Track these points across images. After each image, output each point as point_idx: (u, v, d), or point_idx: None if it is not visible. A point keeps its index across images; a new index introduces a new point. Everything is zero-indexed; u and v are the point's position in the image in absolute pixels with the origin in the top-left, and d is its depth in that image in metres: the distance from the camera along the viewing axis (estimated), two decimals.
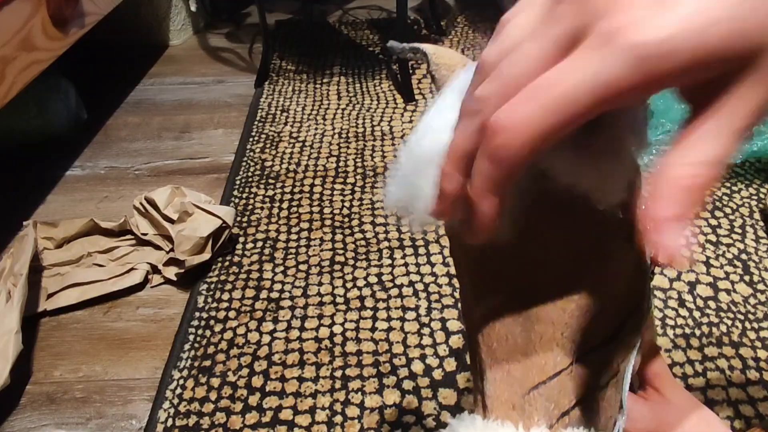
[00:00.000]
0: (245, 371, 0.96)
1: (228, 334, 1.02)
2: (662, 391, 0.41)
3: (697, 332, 0.98)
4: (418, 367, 0.95)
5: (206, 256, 1.12)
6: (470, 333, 0.32)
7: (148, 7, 2.04)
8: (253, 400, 0.92)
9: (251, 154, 1.49)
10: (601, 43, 0.19)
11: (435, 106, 0.32)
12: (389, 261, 1.15)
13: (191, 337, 1.02)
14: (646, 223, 0.21)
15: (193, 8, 2.09)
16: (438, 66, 0.37)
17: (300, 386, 0.93)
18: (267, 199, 1.33)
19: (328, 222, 1.26)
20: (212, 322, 1.05)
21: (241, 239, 1.22)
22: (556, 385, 0.29)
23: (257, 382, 0.94)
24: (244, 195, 1.34)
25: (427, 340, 0.99)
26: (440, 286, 1.09)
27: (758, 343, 0.96)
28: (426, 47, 0.38)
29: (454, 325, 1.01)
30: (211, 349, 1.00)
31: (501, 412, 0.29)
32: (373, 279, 1.11)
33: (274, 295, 1.09)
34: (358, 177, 1.38)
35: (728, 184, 1.27)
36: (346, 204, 1.30)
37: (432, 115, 0.32)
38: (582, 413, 0.30)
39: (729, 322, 0.99)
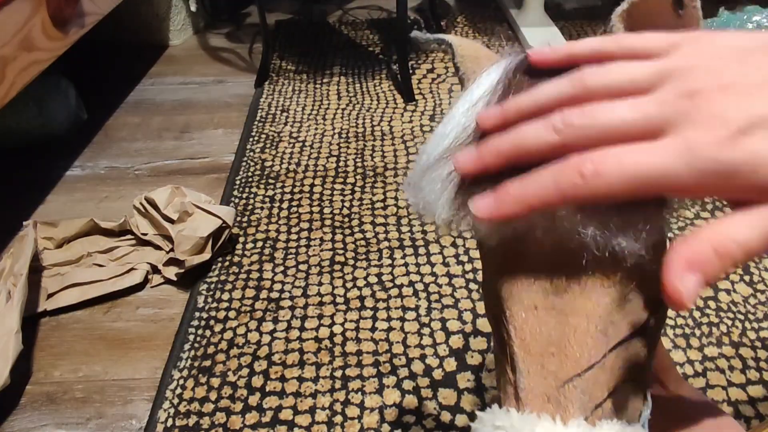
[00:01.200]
0: (245, 371, 0.96)
1: (228, 334, 1.02)
2: (667, 384, 0.42)
3: (697, 332, 0.98)
4: (418, 367, 0.95)
5: (206, 256, 1.12)
6: (498, 324, 0.32)
7: (148, 7, 2.04)
8: (253, 400, 0.92)
9: (251, 154, 1.49)
10: (684, 147, 0.24)
11: (451, 112, 0.33)
12: (389, 261, 1.15)
13: (191, 337, 1.02)
14: (668, 260, 0.24)
15: (193, 8, 2.09)
16: (463, 58, 0.37)
17: (300, 386, 0.93)
18: (267, 199, 1.33)
19: (328, 222, 1.26)
20: (212, 322, 1.05)
21: (241, 239, 1.22)
22: (591, 377, 0.29)
23: (257, 382, 0.94)
24: (244, 195, 1.34)
25: (427, 340, 0.99)
26: (440, 286, 1.09)
27: (758, 343, 0.96)
28: (451, 38, 0.38)
29: (454, 325, 1.01)
30: (211, 349, 1.00)
31: (536, 404, 0.29)
32: (373, 279, 1.11)
33: (274, 295, 1.09)
34: (358, 177, 1.38)
35: None
36: (346, 204, 1.30)
37: (446, 121, 0.33)
38: (613, 405, 0.30)
39: (729, 322, 0.99)
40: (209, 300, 1.09)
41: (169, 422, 0.89)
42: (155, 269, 1.15)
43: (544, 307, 0.30)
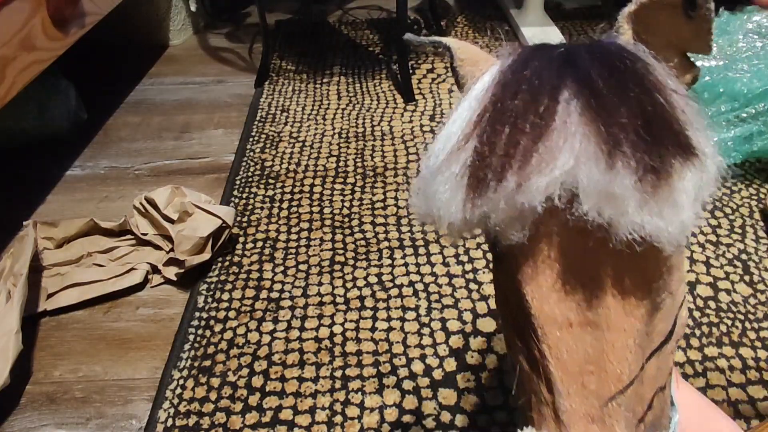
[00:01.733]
0: (245, 371, 0.96)
1: (228, 334, 1.02)
2: None
3: (697, 332, 0.98)
4: (418, 367, 0.95)
5: (206, 256, 1.12)
6: (527, 342, 0.30)
7: (148, 7, 2.04)
8: (253, 400, 0.92)
9: (251, 154, 1.49)
10: None
11: (456, 112, 0.32)
12: (389, 261, 1.15)
13: (191, 337, 1.02)
14: None
15: (193, 8, 2.09)
16: (462, 61, 0.36)
17: (300, 386, 0.93)
18: (267, 199, 1.33)
19: (328, 222, 1.26)
20: (212, 322, 1.05)
21: (241, 239, 1.22)
22: (632, 393, 0.28)
23: (257, 382, 0.94)
24: (244, 195, 1.34)
25: (427, 340, 0.99)
26: (440, 286, 1.09)
27: (758, 343, 0.96)
28: (449, 41, 0.37)
29: (454, 325, 1.01)
30: (211, 349, 1.00)
31: (580, 426, 0.28)
32: (373, 279, 1.11)
33: (274, 295, 1.09)
34: (358, 177, 1.38)
35: (728, 184, 1.27)
36: (346, 204, 1.30)
37: (450, 123, 0.32)
38: (653, 417, 0.29)
39: (729, 322, 0.99)
40: (209, 300, 1.09)
41: (169, 422, 0.89)
42: (155, 269, 1.15)
43: (579, 323, 0.29)
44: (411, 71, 1.75)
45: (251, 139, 1.54)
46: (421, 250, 1.17)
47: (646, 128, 0.28)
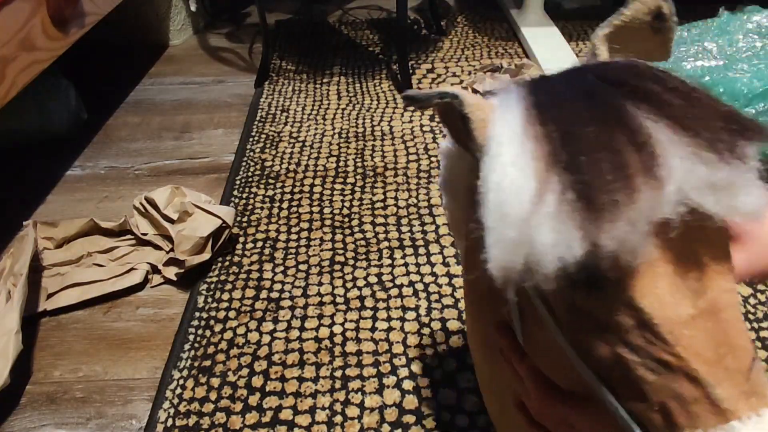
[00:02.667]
0: (245, 371, 0.96)
1: (228, 334, 1.02)
2: None
3: None
4: (418, 367, 0.95)
5: (206, 256, 1.12)
6: (653, 355, 0.31)
7: (148, 7, 2.04)
8: (253, 400, 0.92)
9: (251, 154, 1.49)
10: None
11: (496, 161, 0.33)
12: (389, 261, 1.15)
13: (191, 337, 1.02)
14: None
15: (193, 8, 2.09)
16: (471, 107, 0.37)
17: (300, 386, 0.93)
18: (267, 199, 1.33)
19: (328, 222, 1.26)
20: (212, 322, 1.05)
21: (241, 239, 1.22)
22: (757, 357, 0.31)
23: (257, 382, 0.94)
24: (244, 195, 1.34)
25: (427, 340, 0.99)
26: (440, 286, 1.09)
27: (758, 343, 0.96)
28: (454, 91, 0.38)
29: (454, 325, 1.01)
30: (211, 349, 1.00)
31: (744, 405, 0.30)
32: (373, 279, 1.11)
33: (274, 295, 1.09)
34: (358, 177, 1.38)
35: None
36: (346, 204, 1.30)
37: (499, 173, 0.33)
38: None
39: None
40: (209, 300, 1.09)
41: (169, 422, 0.89)
42: (155, 269, 1.15)
43: (698, 314, 0.31)
44: (411, 71, 1.75)
45: (251, 139, 1.54)
46: (421, 250, 1.17)
47: (726, 122, 0.31)
